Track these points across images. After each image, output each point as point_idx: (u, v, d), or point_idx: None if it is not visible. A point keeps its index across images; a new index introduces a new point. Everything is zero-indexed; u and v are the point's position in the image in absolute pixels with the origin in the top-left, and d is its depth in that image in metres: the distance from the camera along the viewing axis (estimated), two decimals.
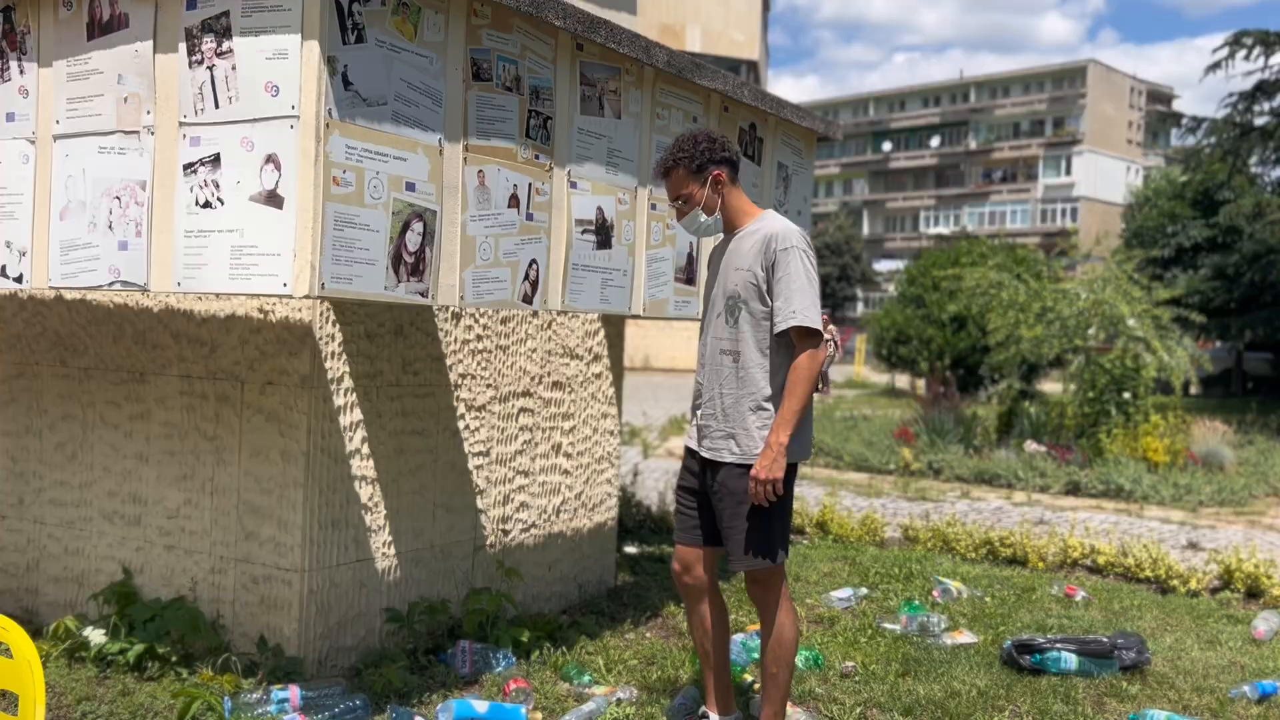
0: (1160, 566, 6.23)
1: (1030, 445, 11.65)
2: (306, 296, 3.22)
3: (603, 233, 4.35)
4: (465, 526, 4.85)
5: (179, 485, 4.45)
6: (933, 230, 67.03)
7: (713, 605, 3.66)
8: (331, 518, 4.21)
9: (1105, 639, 4.58)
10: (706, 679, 3.72)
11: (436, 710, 3.80)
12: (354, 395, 4.29)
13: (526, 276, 4.01)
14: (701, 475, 3.60)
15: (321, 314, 4.13)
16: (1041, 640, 4.55)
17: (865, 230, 71.88)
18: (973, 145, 70.53)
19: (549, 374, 5.31)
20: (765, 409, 3.45)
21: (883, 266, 65.69)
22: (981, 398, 19.35)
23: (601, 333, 5.67)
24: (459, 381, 4.78)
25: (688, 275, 4.95)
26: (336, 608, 4.26)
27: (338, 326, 4.20)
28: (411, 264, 3.51)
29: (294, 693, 3.86)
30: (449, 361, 4.73)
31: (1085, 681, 4.43)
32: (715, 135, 3.60)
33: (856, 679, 4.42)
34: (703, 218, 3.59)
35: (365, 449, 4.34)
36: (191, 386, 4.41)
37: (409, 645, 4.48)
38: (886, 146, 74.71)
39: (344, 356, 4.23)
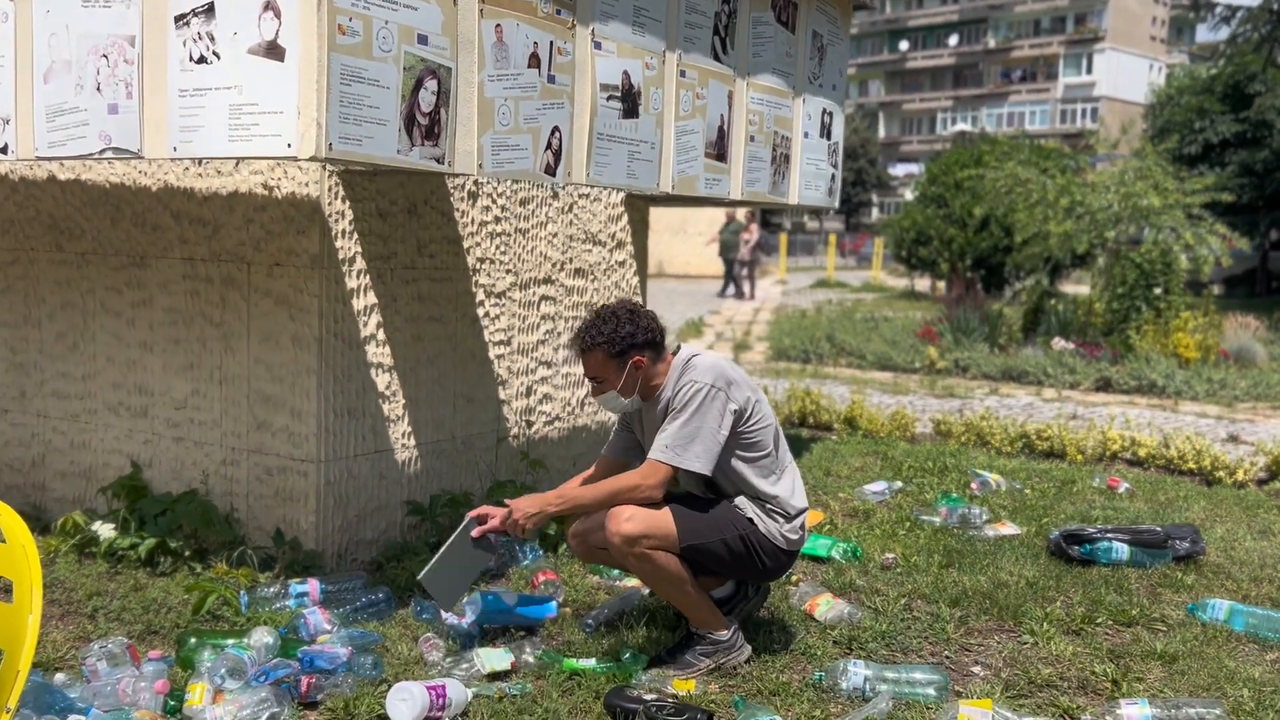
0: (1205, 458, 6.01)
1: (1058, 342, 11.38)
2: (313, 159, 2.95)
3: (629, 100, 4.04)
4: (487, 418, 4.64)
5: (186, 374, 4.23)
6: (950, 130, 65.75)
7: None
8: (347, 406, 4.00)
9: (1159, 529, 4.38)
10: None
11: (463, 604, 3.62)
12: (367, 278, 4.04)
13: (549, 145, 3.72)
14: None
15: (330, 189, 3.86)
16: (1091, 530, 4.34)
17: (880, 133, 70.58)
18: (991, 44, 68.66)
19: (570, 260, 5.05)
20: (763, 501, 3.26)
21: (898, 171, 64.62)
22: (1004, 298, 19.04)
23: (625, 218, 5.39)
24: (477, 266, 4.53)
25: (718, 150, 4.65)
26: (355, 500, 4.07)
27: (348, 203, 3.94)
28: (426, 126, 3.23)
29: (313, 586, 3.70)
30: (466, 244, 4.47)
31: (1137, 572, 4.24)
32: (639, 312, 3.22)
33: (898, 570, 4.24)
34: (621, 400, 3.25)
35: (381, 335, 4.11)
36: (195, 270, 4.17)
37: (431, 539, 4.30)
38: (903, 46, 72.85)
39: (355, 236, 3.97)
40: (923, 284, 24.50)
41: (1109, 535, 4.31)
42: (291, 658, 3.15)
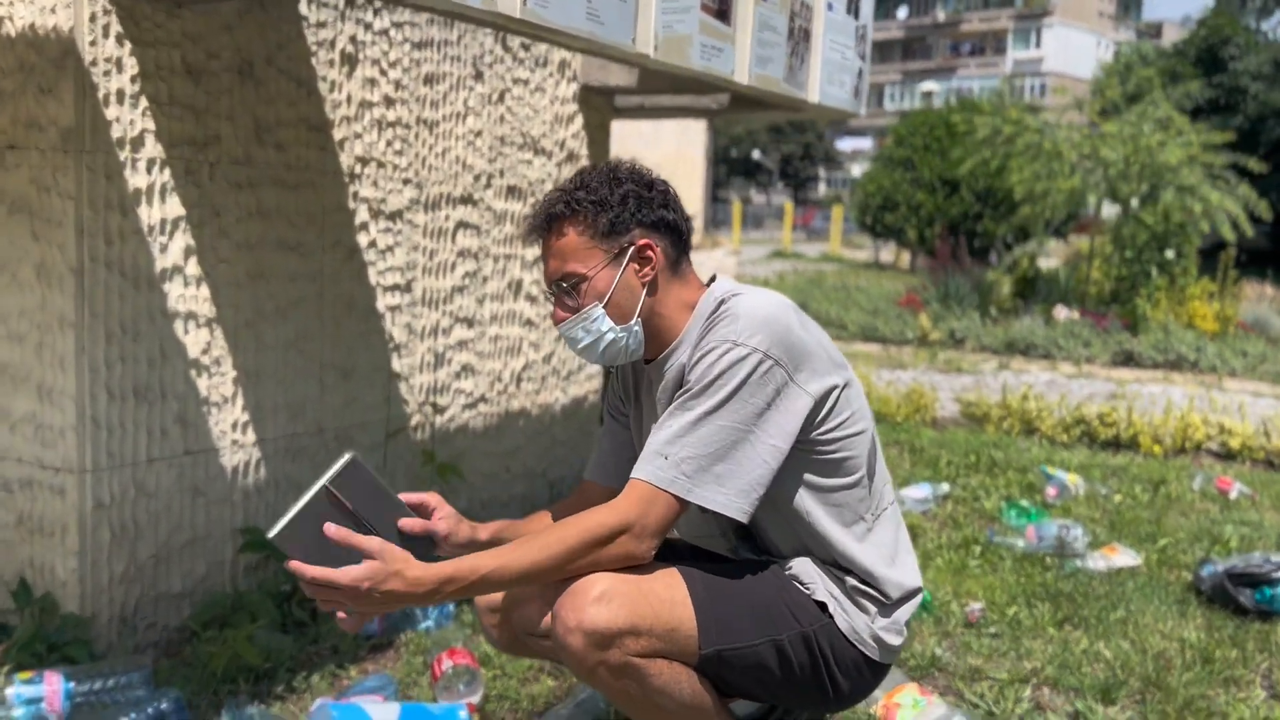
0: None
1: (1061, 311, 10.09)
2: None
3: None
4: (374, 400, 3.12)
5: None
6: (897, 106, 64.92)
7: None
8: (134, 382, 2.46)
9: None
10: None
11: (309, 715, 2.13)
12: (167, 174, 2.49)
13: None
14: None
15: (95, 19, 2.31)
16: (1271, 567, 2.95)
17: None
18: (941, 17, 67.93)
19: (501, 173, 3.54)
20: (843, 572, 1.77)
21: (846, 145, 63.69)
22: (991, 265, 17.83)
23: (579, 120, 3.88)
24: (357, 169, 3.00)
25: (719, 5, 3.15)
26: (150, 531, 2.54)
27: (128, 46, 2.39)
28: None
29: (53, 685, 2.18)
30: (339, 135, 2.93)
31: None
32: (648, 176, 1.80)
33: (991, 630, 2.81)
34: (605, 325, 1.75)
35: (193, 268, 2.57)
36: None
37: (281, 587, 2.79)
38: None
39: (143, 102, 2.43)
40: (888, 254, 23.23)
41: None
42: None
